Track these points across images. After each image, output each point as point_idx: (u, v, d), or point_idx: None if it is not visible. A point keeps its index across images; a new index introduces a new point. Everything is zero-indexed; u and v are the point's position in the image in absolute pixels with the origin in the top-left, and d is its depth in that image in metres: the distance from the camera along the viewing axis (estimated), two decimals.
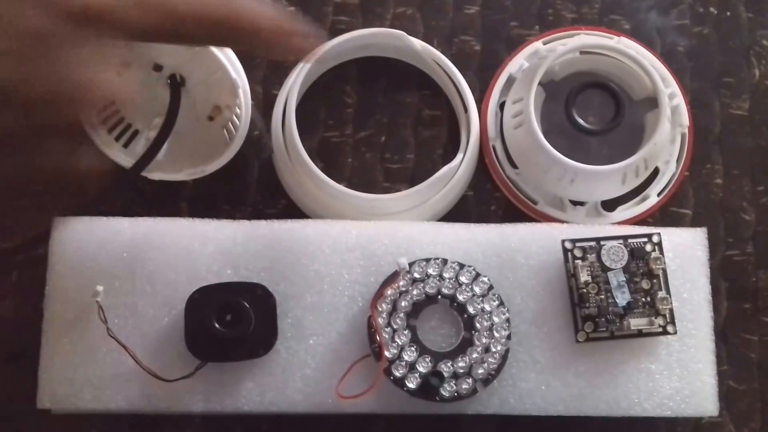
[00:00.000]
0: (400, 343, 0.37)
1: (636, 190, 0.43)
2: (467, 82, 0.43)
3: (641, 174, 0.41)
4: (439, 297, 0.38)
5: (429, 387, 0.36)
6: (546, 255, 0.39)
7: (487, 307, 0.37)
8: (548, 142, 0.40)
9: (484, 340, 0.37)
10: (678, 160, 0.43)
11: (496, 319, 0.37)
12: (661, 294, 0.38)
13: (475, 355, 0.37)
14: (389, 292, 0.37)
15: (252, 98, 0.42)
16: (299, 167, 0.41)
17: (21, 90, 0.26)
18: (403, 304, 0.37)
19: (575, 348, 0.38)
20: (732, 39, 0.46)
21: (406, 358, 0.37)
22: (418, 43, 0.43)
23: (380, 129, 0.44)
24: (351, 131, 0.44)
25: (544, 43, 0.44)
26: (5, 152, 0.27)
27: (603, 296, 0.38)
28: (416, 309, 0.37)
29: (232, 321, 0.36)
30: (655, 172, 0.43)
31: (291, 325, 0.38)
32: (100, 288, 0.37)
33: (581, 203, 0.43)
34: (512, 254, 0.39)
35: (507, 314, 0.37)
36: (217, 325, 0.36)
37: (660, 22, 0.46)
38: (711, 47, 0.46)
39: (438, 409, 0.37)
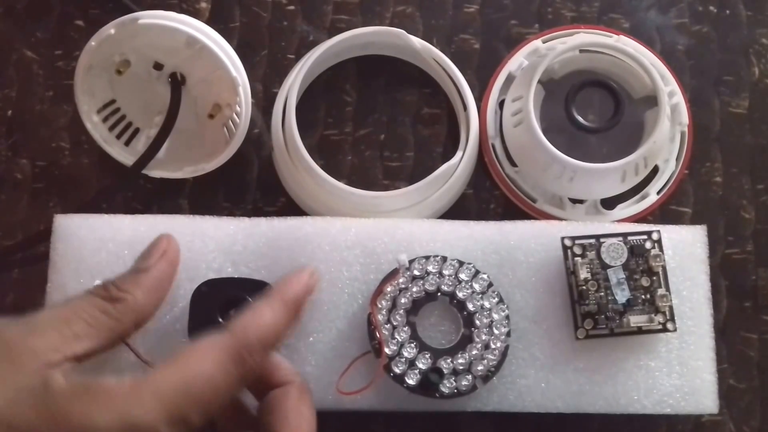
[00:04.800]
0: (399, 340, 0.37)
1: (635, 189, 0.43)
2: (466, 80, 0.43)
3: (641, 172, 0.41)
4: (439, 294, 0.38)
5: (429, 383, 0.36)
6: (545, 252, 0.39)
7: (487, 304, 0.37)
8: (547, 140, 0.40)
9: (483, 337, 0.37)
10: (677, 159, 0.43)
11: (495, 316, 0.37)
12: (661, 291, 0.38)
13: (474, 352, 0.37)
14: (389, 289, 0.37)
15: (252, 96, 0.42)
16: (299, 165, 0.41)
17: None
18: (402, 301, 0.37)
19: (575, 345, 0.38)
20: (731, 37, 0.46)
21: (405, 354, 0.37)
22: (417, 42, 0.43)
23: (380, 127, 0.44)
24: (351, 129, 0.44)
25: (544, 42, 0.44)
26: None
27: (602, 293, 0.38)
28: (416, 306, 0.38)
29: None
30: (655, 171, 0.43)
31: None
32: (98, 283, 0.37)
33: (580, 201, 0.43)
34: (512, 252, 0.39)
35: (506, 311, 0.37)
36: (220, 320, 0.36)
37: (659, 21, 0.46)
38: (710, 45, 0.46)
39: (437, 405, 0.37)
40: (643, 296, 0.38)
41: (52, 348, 0.28)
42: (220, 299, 0.36)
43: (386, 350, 0.37)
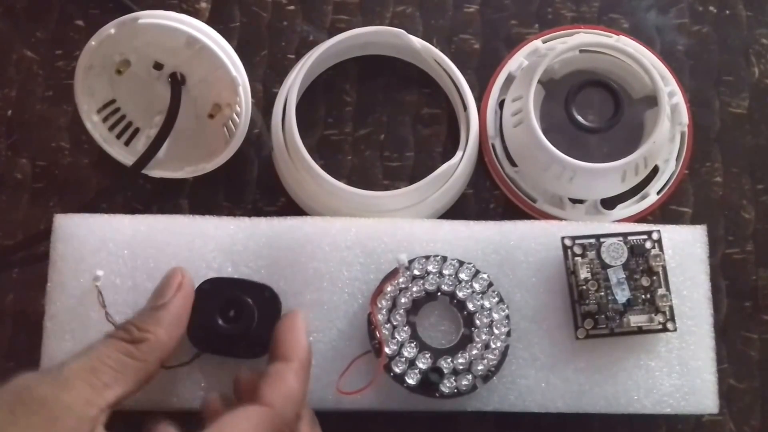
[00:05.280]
0: (400, 340, 0.37)
1: (636, 188, 0.43)
2: (466, 80, 0.43)
3: (641, 172, 0.41)
4: (439, 294, 0.38)
5: (429, 383, 0.36)
6: (546, 252, 0.39)
7: (487, 304, 0.37)
8: (547, 140, 0.40)
9: (483, 337, 0.37)
10: (678, 159, 0.43)
11: (495, 316, 0.37)
12: (661, 291, 0.38)
13: (474, 352, 0.37)
14: (389, 289, 0.37)
15: (252, 96, 0.42)
16: (299, 165, 0.41)
17: None
18: (402, 300, 0.37)
19: (575, 345, 0.38)
20: (731, 37, 0.46)
21: (406, 354, 0.37)
22: (417, 42, 0.43)
23: (380, 127, 0.44)
24: (351, 129, 0.44)
25: (544, 42, 0.44)
26: None
27: (603, 293, 0.38)
28: (416, 306, 0.38)
29: (234, 317, 0.36)
30: (655, 170, 0.43)
31: None
32: (100, 273, 0.37)
33: (581, 201, 0.43)
34: (512, 251, 0.39)
35: (506, 311, 0.37)
36: (219, 320, 0.36)
37: (659, 21, 0.46)
38: (710, 46, 0.46)
39: (438, 405, 0.37)
40: (643, 296, 0.38)
41: (84, 402, 0.29)
42: (220, 299, 0.36)
43: (386, 350, 0.37)
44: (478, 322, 0.37)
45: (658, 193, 0.43)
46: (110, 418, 0.30)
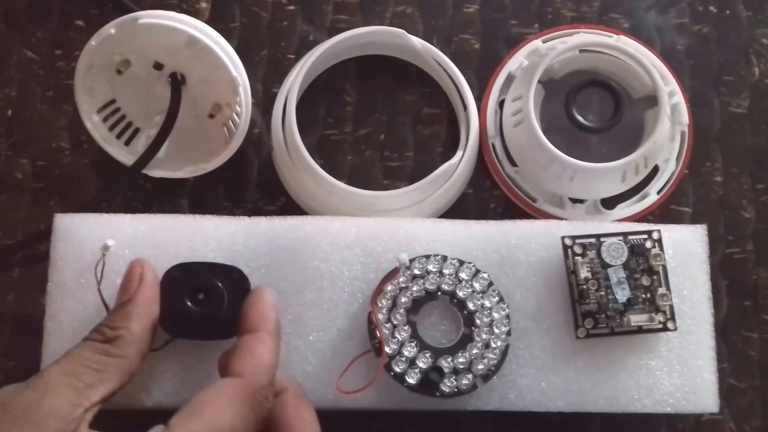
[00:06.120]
0: (400, 339, 0.37)
1: (636, 188, 0.43)
2: (466, 80, 0.43)
3: (641, 172, 0.41)
4: (439, 293, 0.38)
5: (429, 382, 0.36)
6: (546, 252, 0.39)
7: (487, 304, 0.37)
8: (548, 139, 0.40)
9: (484, 336, 0.37)
10: (678, 158, 0.43)
11: (496, 315, 0.37)
12: (661, 290, 0.38)
13: (475, 351, 0.37)
14: (389, 288, 0.37)
15: (252, 96, 0.42)
16: (299, 165, 0.41)
17: None
18: (403, 300, 0.37)
19: (575, 344, 0.38)
20: (731, 37, 0.46)
21: (406, 353, 0.37)
22: (417, 42, 0.43)
23: (380, 127, 0.44)
24: (351, 129, 0.44)
25: (544, 42, 0.44)
26: None
27: (603, 293, 0.38)
28: (416, 305, 0.37)
29: (204, 299, 0.36)
30: (655, 170, 0.43)
31: (291, 321, 0.38)
32: (111, 242, 0.38)
33: (581, 201, 0.43)
34: (512, 251, 0.39)
35: (507, 310, 0.37)
36: (188, 303, 0.35)
37: (659, 21, 0.46)
38: (710, 45, 0.46)
39: (438, 404, 0.37)
40: (643, 295, 0.38)
41: (68, 404, 0.29)
42: (189, 283, 0.36)
43: (387, 349, 0.37)
44: (478, 321, 0.37)
45: (658, 192, 0.43)
46: (96, 417, 0.30)
